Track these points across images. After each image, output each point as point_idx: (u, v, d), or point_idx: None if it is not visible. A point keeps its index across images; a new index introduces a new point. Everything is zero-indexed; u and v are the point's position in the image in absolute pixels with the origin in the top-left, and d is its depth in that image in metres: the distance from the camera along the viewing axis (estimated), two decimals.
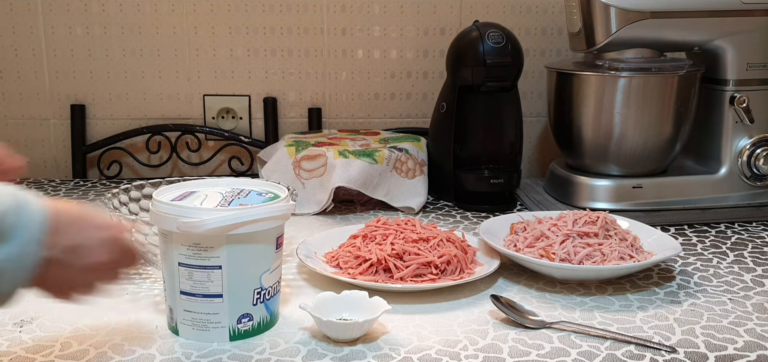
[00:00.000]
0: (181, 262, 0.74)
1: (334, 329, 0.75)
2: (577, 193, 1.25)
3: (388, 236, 0.95)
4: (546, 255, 0.93)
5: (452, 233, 0.98)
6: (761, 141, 1.23)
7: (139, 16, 1.44)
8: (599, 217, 0.97)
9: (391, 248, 0.92)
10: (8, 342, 0.75)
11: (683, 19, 1.19)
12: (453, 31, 1.45)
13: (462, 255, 0.94)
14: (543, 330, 0.79)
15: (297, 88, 1.50)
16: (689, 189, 1.24)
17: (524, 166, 1.46)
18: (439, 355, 0.73)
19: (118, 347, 0.74)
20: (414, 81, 1.51)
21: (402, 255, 0.91)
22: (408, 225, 0.98)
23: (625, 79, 1.19)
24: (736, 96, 1.21)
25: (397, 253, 0.91)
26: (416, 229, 0.97)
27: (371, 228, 0.99)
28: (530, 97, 1.52)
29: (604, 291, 0.91)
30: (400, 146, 1.28)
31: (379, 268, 0.91)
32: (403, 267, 0.90)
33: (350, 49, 1.49)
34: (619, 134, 1.21)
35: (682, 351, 0.74)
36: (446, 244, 0.94)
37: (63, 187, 1.39)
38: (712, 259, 1.02)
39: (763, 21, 1.20)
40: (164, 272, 0.77)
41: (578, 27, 1.23)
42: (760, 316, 0.83)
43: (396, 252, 0.92)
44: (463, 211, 1.26)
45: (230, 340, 0.76)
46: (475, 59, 1.24)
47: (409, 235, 0.95)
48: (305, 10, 1.46)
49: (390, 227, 0.98)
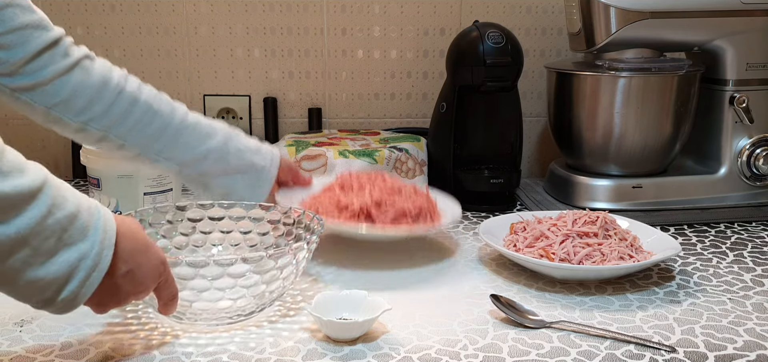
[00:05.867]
0: None
1: (334, 329, 0.75)
2: (576, 193, 1.25)
3: (364, 186, 1.00)
4: (546, 255, 0.93)
5: (416, 186, 1.04)
6: (761, 141, 1.23)
7: (139, 16, 1.44)
8: (599, 217, 0.97)
9: (370, 197, 0.96)
10: (8, 342, 0.75)
11: (683, 19, 1.19)
12: (453, 31, 1.45)
13: (430, 205, 1.01)
14: (543, 330, 0.79)
15: (297, 88, 1.50)
16: (689, 189, 1.25)
17: (524, 166, 1.46)
18: (439, 355, 0.73)
19: (118, 347, 0.75)
20: (414, 81, 1.51)
21: (380, 204, 0.96)
22: (378, 177, 1.03)
23: (625, 79, 1.19)
24: (736, 96, 1.21)
25: (376, 201, 0.97)
26: (387, 181, 1.02)
27: (345, 179, 1.03)
28: (530, 97, 1.52)
29: (603, 290, 0.91)
30: (400, 146, 1.28)
31: (360, 215, 0.96)
32: (382, 214, 0.96)
33: (350, 49, 1.49)
34: (619, 134, 1.21)
35: (681, 351, 0.74)
36: (416, 195, 1.01)
37: None
38: (711, 259, 1.02)
39: (763, 21, 1.20)
40: None
41: (578, 27, 1.23)
42: (760, 316, 0.83)
43: (375, 200, 0.97)
44: (462, 211, 1.25)
45: None
46: (475, 59, 1.24)
47: (382, 185, 1.00)
48: (305, 10, 1.46)
49: (363, 178, 1.03)
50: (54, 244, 0.61)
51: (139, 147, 0.90)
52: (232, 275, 0.75)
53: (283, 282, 0.80)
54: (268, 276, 0.77)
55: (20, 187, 0.58)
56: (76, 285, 0.63)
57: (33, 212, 0.59)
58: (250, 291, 0.77)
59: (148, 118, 0.90)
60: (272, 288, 0.79)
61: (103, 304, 0.68)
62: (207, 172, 0.95)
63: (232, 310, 0.78)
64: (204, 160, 0.94)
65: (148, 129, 0.90)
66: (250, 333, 0.78)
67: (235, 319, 0.79)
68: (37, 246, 0.59)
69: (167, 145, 0.92)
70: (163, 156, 0.92)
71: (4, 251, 0.58)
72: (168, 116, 0.91)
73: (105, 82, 0.86)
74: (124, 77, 0.89)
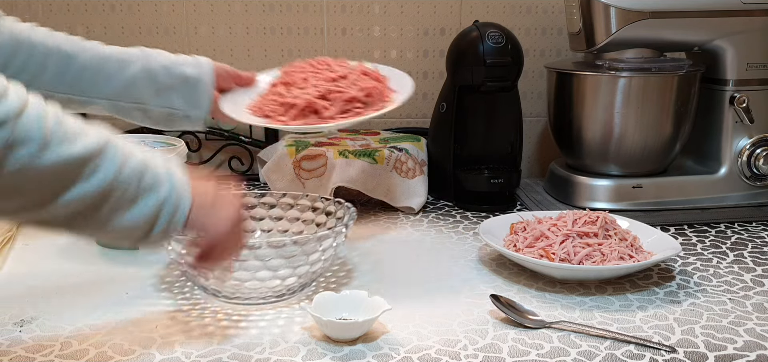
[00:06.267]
0: None
1: (334, 329, 0.75)
2: (577, 193, 1.25)
3: (308, 78, 0.97)
4: (546, 255, 0.93)
5: (363, 65, 1.01)
6: (761, 141, 1.23)
7: (139, 16, 1.44)
8: (599, 217, 0.97)
9: (315, 90, 0.94)
10: (8, 342, 0.75)
11: (683, 19, 1.19)
12: (453, 31, 1.45)
13: (379, 85, 0.98)
14: (543, 330, 0.79)
15: None
16: (689, 189, 1.24)
17: (524, 166, 1.46)
18: (439, 355, 0.73)
19: (118, 347, 0.75)
20: (414, 81, 1.51)
21: (326, 96, 0.94)
22: (322, 64, 1.01)
23: (625, 79, 1.19)
24: (736, 96, 1.21)
25: (321, 94, 0.94)
26: (331, 67, 0.99)
27: (288, 73, 1.01)
28: (530, 97, 1.52)
29: (603, 290, 0.91)
30: (400, 146, 1.28)
31: (307, 112, 0.93)
32: (329, 107, 0.93)
33: (350, 49, 1.49)
34: (619, 134, 1.21)
35: (681, 351, 0.74)
36: (363, 78, 0.98)
37: None
38: (711, 259, 1.02)
39: (763, 21, 1.20)
40: None
41: (578, 27, 1.23)
42: (760, 316, 0.83)
43: (320, 93, 0.94)
44: (463, 211, 1.26)
45: None
46: (475, 59, 1.24)
47: (327, 74, 0.97)
48: (305, 10, 1.46)
49: (306, 69, 1.00)
50: (134, 192, 0.66)
51: (65, 94, 0.90)
52: (283, 256, 0.82)
53: (323, 263, 0.87)
54: (313, 257, 0.84)
55: (89, 146, 0.63)
56: (163, 224, 0.68)
57: (108, 166, 0.64)
58: (296, 271, 0.84)
59: (65, 63, 0.89)
60: (315, 268, 0.86)
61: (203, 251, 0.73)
62: (140, 98, 0.94)
63: (279, 289, 0.85)
64: (132, 85, 0.93)
65: (68, 73, 0.89)
66: (250, 333, 0.78)
67: (280, 298, 0.86)
68: (119, 197, 0.65)
69: (91, 83, 0.91)
70: (92, 96, 0.91)
71: (90, 206, 0.64)
72: (84, 54, 0.90)
73: (16, 38, 0.86)
74: (31, 29, 0.89)
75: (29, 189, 0.61)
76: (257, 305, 0.85)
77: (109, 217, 0.65)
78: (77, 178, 0.62)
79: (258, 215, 1.02)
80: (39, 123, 0.60)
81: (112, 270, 0.97)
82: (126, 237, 0.68)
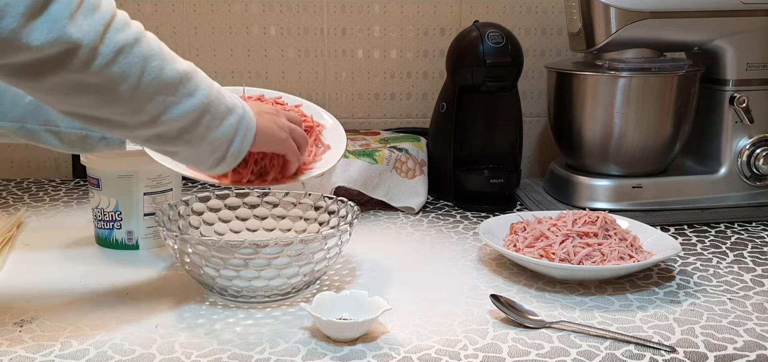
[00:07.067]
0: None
1: (334, 329, 0.75)
2: (576, 193, 1.25)
3: None
4: (546, 255, 0.93)
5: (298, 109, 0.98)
6: (761, 141, 1.23)
7: (140, 16, 1.44)
8: (599, 217, 0.97)
9: None
10: (8, 342, 0.75)
11: (683, 19, 1.19)
12: (453, 31, 1.45)
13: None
14: (543, 330, 0.79)
15: (297, 87, 1.50)
16: (689, 189, 1.25)
17: (524, 165, 1.46)
18: (439, 355, 0.73)
19: (118, 347, 0.75)
20: (414, 81, 1.51)
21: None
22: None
23: (624, 79, 1.19)
24: (736, 96, 1.21)
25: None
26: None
27: None
28: (530, 97, 1.52)
29: (603, 290, 0.91)
30: (400, 146, 1.28)
31: None
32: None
33: (350, 49, 1.49)
34: (619, 134, 1.21)
35: (681, 351, 0.74)
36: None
37: (63, 187, 1.39)
38: (711, 259, 1.02)
39: (763, 21, 1.20)
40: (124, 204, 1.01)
41: (578, 27, 1.23)
42: (760, 316, 0.83)
43: None
44: (462, 211, 1.26)
45: None
46: (475, 59, 1.24)
47: None
48: (305, 10, 1.46)
49: None
50: (224, 109, 0.74)
51: None
52: (289, 254, 0.83)
53: (327, 262, 0.88)
54: (318, 255, 0.85)
55: (187, 65, 0.71)
56: (239, 140, 0.76)
57: (204, 84, 0.72)
58: (301, 270, 0.85)
59: None
60: (319, 267, 0.87)
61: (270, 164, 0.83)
62: (49, 118, 0.87)
63: (284, 288, 0.86)
64: (40, 104, 0.85)
65: None
66: (250, 333, 0.78)
67: (285, 297, 0.87)
68: (214, 111, 0.73)
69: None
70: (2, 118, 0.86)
71: (194, 119, 0.71)
72: None
73: None
74: None
75: (157, 100, 0.68)
76: (261, 303, 0.85)
77: (205, 132, 0.73)
78: (186, 93, 0.70)
79: (261, 214, 1.03)
80: (156, 41, 0.68)
81: (112, 270, 0.97)
82: (214, 152, 0.75)
